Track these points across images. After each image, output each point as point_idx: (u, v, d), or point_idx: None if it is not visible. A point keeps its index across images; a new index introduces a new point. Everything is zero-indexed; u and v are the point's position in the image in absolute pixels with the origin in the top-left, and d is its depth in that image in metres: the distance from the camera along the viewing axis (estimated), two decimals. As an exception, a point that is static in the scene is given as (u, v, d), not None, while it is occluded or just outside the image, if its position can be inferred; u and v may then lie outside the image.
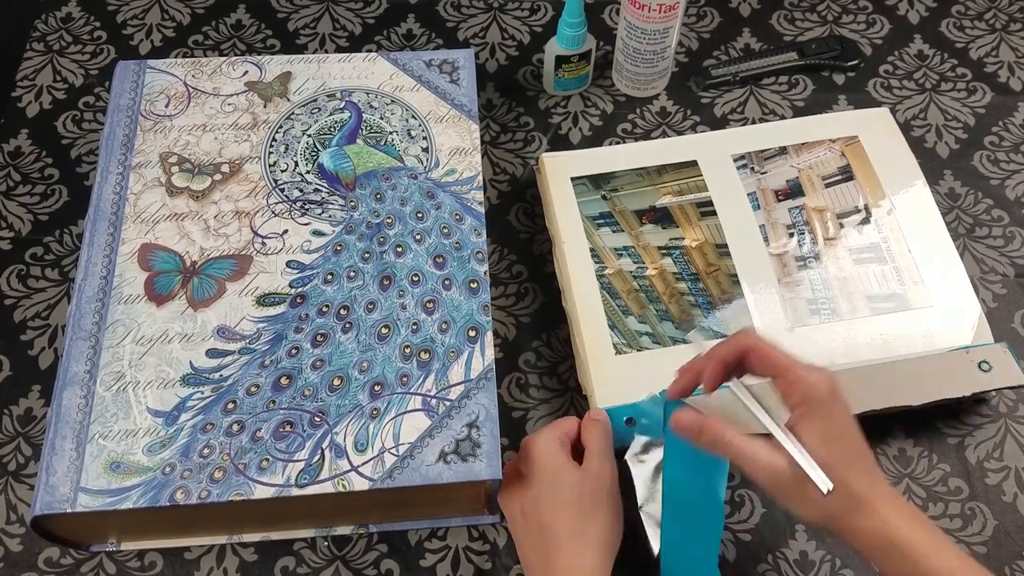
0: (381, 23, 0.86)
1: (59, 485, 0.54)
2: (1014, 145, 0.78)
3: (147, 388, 0.57)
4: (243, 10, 0.87)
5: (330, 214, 0.65)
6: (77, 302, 0.60)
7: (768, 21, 0.87)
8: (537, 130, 0.79)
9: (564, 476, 0.55)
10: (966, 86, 0.82)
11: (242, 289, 0.61)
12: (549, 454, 0.56)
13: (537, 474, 0.55)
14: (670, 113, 0.80)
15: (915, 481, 0.63)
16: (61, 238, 0.73)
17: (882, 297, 0.66)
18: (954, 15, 0.87)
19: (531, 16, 0.87)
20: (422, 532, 0.61)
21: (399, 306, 0.61)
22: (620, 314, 0.66)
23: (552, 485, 0.55)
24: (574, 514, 0.54)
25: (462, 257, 0.63)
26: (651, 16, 0.73)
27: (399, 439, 0.56)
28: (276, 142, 0.68)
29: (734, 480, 0.63)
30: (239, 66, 0.72)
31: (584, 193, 0.71)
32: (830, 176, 0.72)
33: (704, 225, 0.70)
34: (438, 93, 0.71)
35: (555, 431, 0.58)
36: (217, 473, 0.54)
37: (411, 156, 0.68)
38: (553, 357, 0.68)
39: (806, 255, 0.69)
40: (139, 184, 0.66)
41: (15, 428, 0.65)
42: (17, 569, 0.60)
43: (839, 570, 0.60)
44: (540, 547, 0.54)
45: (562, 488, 0.55)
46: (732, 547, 0.61)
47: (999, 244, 0.73)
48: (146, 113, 0.69)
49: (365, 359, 0.59)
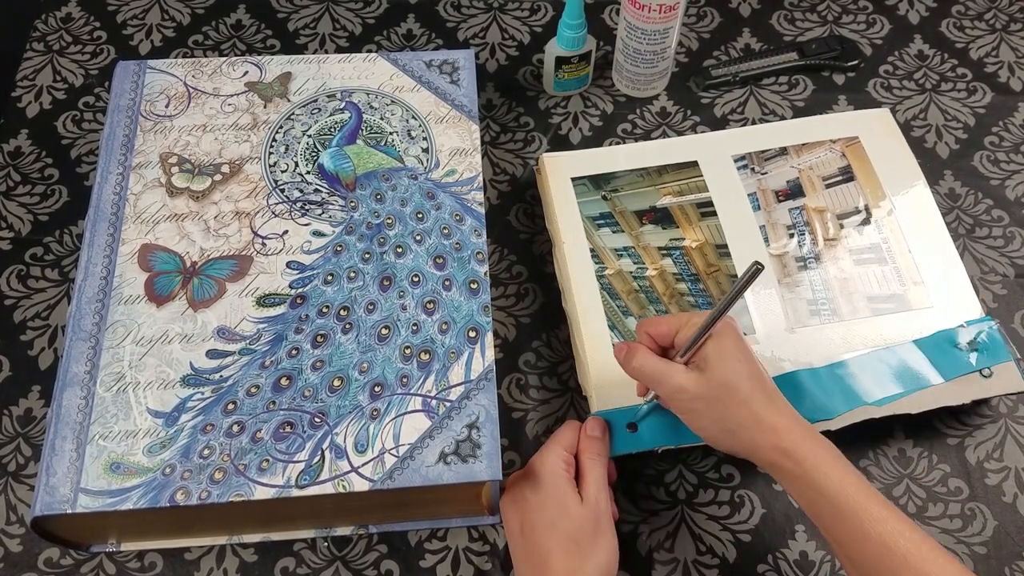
0: (381, 23, 0.86)
1: (59, 486, 0.54)
2: (1014, 145, 0.78)
3: (147, 389, 0.57)
4: (243, 10, 0.87)
5: (330, 215, 0.65)
6: (77, 302, 0.60)
7: (768, 21, 0.87)
8: (537, 130, 0.79)
9: (567, 507, 0.54)
10: (966, 86, 0.82)
11: (242, 290, 0.61)
12: (554, 479, 0.56)
13: (541, 498, 0.55)
14: (670, 113, 0.80)
15: (915, 481, 0.63)
16: (61, 238, 0.73)
17: (882, 298, 0.66)
18: (954, 15, 0.87)
19: (531, 16, 0.87)
20: (422, 533, 0.61)
21: (399, 307, 0.61)
22: (620, 315, 0.66)
23: (554, 515, 0.54)
24: (571, 547, 0.53)
25: (462, 258, 0.63)
26: (651, 16, 0.73)
27: (399, 440, 0.56)
28: (276, 142, 0.68)
29: (734, 480, 0.63)
30: (239, 66, 0.72)
31: (584, 193, 0.71)
32: (830, 177, 0.72)
33: (704, 226, 0.70)
34: (438, 93, 0.71)
35: (559, 448, 0.57)
36: (217, 474, 0.54)
37: (411, 157, 0.68)
38: (553, 357, 0.68)
39: (806, 256, 0.69)
40: (139, 184, 0.66)
41: (15, 428, 0.65)
42: (17, 569, 0.60)
43: (839, 570, 0.60)
44: (536, 571, 0.54)
45: (564, 520, 0.54)
46: (732, 547, 0.61)
47: (999, 244, 0.73)
48: (146, 113, 0.69)
49: (365, 360, 0.59)
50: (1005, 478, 0.63)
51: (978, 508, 0.62)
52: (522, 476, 0.58)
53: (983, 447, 0.64)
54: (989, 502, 0.62)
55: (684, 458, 0.64)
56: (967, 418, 0.65)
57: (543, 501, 0.55)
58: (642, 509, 0.62)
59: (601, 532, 0.54)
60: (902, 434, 0.65)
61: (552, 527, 0.54)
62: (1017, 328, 0.69)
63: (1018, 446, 0.64)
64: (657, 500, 0.63)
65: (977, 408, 0.65)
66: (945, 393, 0.62)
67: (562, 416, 0.66)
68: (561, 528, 0.54)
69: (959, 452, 0.64)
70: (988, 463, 0.64)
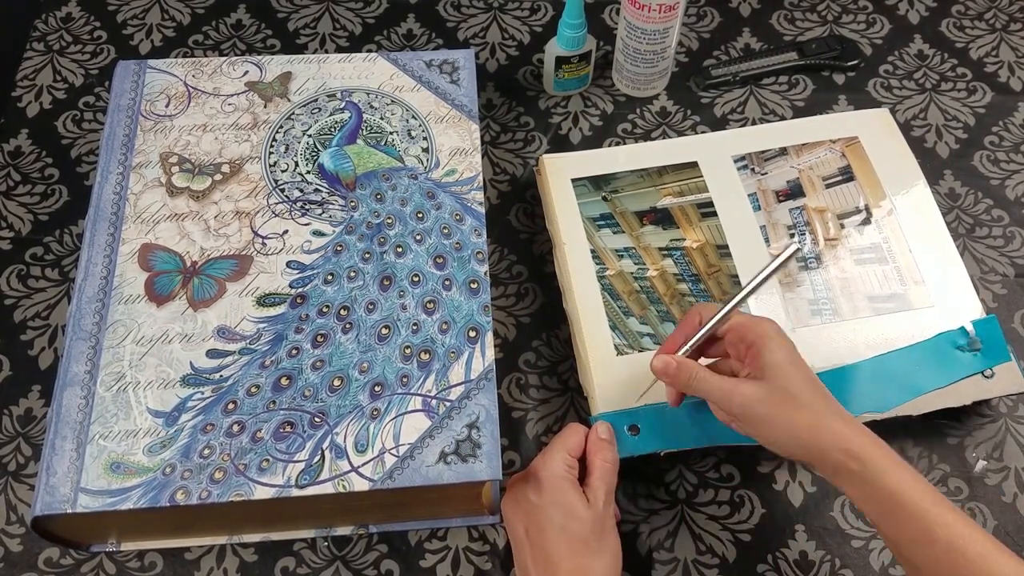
0: (381, 23, 0.86)
1: (59, 485, 0.54)
2: (1014, 145, 0.79)
3: (147, 388, 0.57)
4: (243, 10, 0.87)
5: (330, 214, 0.65)
6: (77, 302, 0.60)
7: (768, 21, 0.87)
8: (537, 130, 0.79)
9: (575, 511, 0.54)
10: (966, 86, 0.82)
11: (242, 289, 0.61)
12: (559, 483, 0.55)
13: (546, 504, 0.55)
14: (670, 113, 0.80)
15: (915, 481, 0.63)
16: (61, 238, 0.73)
17: (883, 297, 0.66)
18: (954, 15, 0.87)
19: (531, 16, 0.87)
20: (422, 532, 0.61)
21: (399, 306, 0.61)
22: (621, 315, 0.66)
23: (561, 518, 0.54)
24: (581, 548, 0.53)
25: (462, 257, 0.63)
26: (651, 16, 0.73)
27: (399, 440, 0.56)
28: (276, 142, 0.68)
29: (734, 480, 0.63)
30: (239, 66, 0.72)
31: (584, 194, 0.71)
32: (831, 177, 0.72)
33: (705, 226, 0.70)
34: (438, 93, 0.71)
35: (563, 452, 0.57)
36: (217, 474, 0.54)
37: (411, 156, 0.68)
38: (553, 357, 0.68)
39: (807, 256, 0.69)
40: (139, 184, 0.66)
41: (15, 428, 0.65)
42: (17, 569, 0.60)
43: (839, 570, 0.60)
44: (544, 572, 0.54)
45: (572, 523, 0.54)
46: (732, 547, 0.61)
47: (999, 244, 0.73)
48: (146, 113, 0.69)
49: (365, 359, 0.59)
50: (1005, 478, 0.63)
51: (978, 508, 0.62)
52: (523, 479, 0.57)
53: (983, 447, 0.64)
54: (989, 502, 0.62)
55: (684, 458, 0.64)
56: (967, 418, 0.65)
57: (549, 504, 0.55)
58: (642, 509, 0.62)
59: (606, 532, 0.55)
60: (902, 433, 0.65)
61: (561, 530, 0.54)
62: (1017, 328, 0.69)
63: (1018, 446, 0.64)
64: (657, 500, 0.63)
65: (977, 408, 0.65)
66: (946, 394, 0.62)
67: (562, 416, 0.66)
68: (571, 531, 0.54)
69: (959, 452, 0.64)
70: (988, 463, 0.64)
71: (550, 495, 0.55)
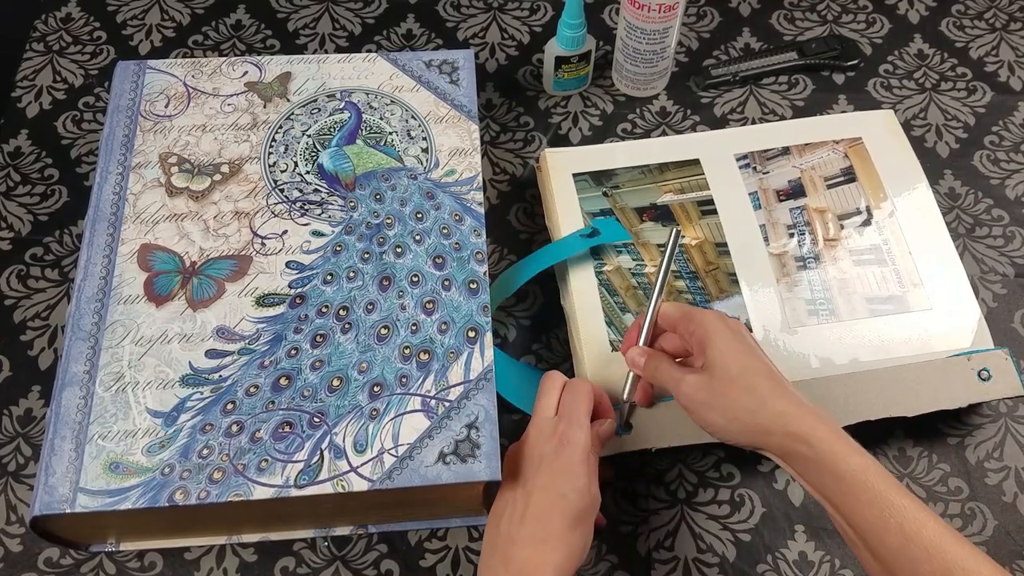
0: (381, 23, 0.86)
1: (58, 485, 0.54)
2: (1014, 145, 0.78)
3: (146, 389, 0.57)
4: (243, 10, 0.87)
5: (330, 215, 0.65)
6: (77, 302, 0.60)
7: (768, 21, 0.87)
8: (537, 130, 0.79)
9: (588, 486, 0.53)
10: (966, 86, 0.82)
11: (241, 290, 0.61)
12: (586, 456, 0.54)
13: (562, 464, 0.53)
14: (670, 113, 0.80)
15: (915, 481, 0.63)
16: (61, 238, 0.73)
17: (881, 299, 0.66)
18: (954, 14, 0.87)
19: (531, 16, 0.87)
20: (422, 532, 0.61)
21: (398, 307, 0.61)
22: (618, 311, 0.66)
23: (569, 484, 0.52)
24: (573, 523, 0.52)
25: (462, 258, 0.63)
26: (651, 16, 0.73)
27: (398, 440, 0.56)
28: (276, 142, 0.68)
29: (734, 479, 0.63)
30: (239, 66, 0.72)
31: (585, 189, 0.71)
32: (832, 177, 0.72)
33: (704, 224, 0.70)
34: (438, 93, 0.71)
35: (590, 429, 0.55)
36: (216, 474, 0.54)
37: (411, 156, 0.68)
38: (553, 358, 0.68)
39: (806, 255, 0.68)
40: (139, 184, 0.66)
41: (15, 428, 0.65)
42: (17, 569, 0.60)
43: (839, 570, 0.60)
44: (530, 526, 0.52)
45: (576, 495, 0.52)
46: (732, 547, 0.61)
47: (999, 244, 0.73)
48: (146, 113, 0.69)
49: (364, 360, 0.59)
50: (1005, 478, 0.63)
51: (978, 508, 0.62)
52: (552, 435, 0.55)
53: (983, 447, 0.64)
54: (989, 502, 0.62)
55: (684, 457, 0.64)
56: (967, 418, 0.65)
57: (561, 468, 0.53)
58: (642, 509, 0.62)
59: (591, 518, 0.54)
60: (902, 433, 0.65)
61: (562, 496, 0.52)
62: (1017, 328, 0.69)
63: (1018, 446, 0.64)
64: (657, 499, 0.63)
65: (977, 408, 0.65)
66: (942, 396, 0.62)
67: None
68: (570, 500, 0.52)
69: (959, 452, 0.64)
70: (988, 463, 0.64)
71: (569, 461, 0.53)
